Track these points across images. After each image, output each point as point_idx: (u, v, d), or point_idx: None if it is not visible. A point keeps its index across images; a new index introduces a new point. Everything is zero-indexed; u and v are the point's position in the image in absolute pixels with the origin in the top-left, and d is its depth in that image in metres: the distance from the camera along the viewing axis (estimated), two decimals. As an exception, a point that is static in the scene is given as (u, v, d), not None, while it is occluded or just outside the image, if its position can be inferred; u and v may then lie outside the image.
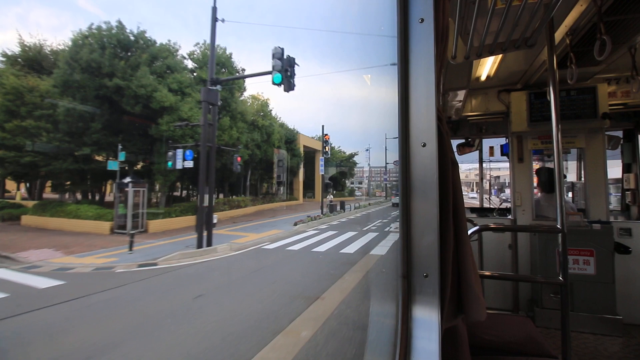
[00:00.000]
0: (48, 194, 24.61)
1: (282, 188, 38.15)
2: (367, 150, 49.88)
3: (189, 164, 16.02)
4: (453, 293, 0.90)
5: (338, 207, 23.72)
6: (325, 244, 11.24)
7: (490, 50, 1.55)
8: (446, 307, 0.86)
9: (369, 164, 56.63)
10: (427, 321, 0.75)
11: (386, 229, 15.10)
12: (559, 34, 2.43)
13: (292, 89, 10.46)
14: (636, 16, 2.20)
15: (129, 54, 18.66)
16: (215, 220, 13.40)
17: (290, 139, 36.02)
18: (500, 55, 2.90)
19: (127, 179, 15.20)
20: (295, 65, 10.59)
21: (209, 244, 10.57)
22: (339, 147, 54.90)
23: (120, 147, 17.13)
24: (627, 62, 2.75)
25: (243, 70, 26.34)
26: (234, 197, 29.83)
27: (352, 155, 56.03)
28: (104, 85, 17.11)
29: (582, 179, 3.94)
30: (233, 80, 23.26)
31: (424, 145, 0.76)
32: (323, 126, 22.71)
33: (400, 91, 0.79)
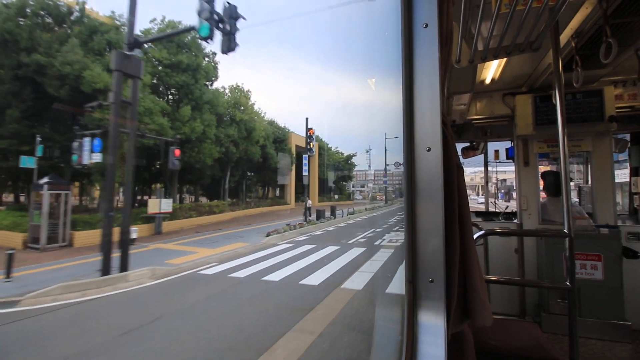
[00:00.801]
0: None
1: (271, 191, 36.08)
2: (367, 151, 46.67)
3: (97, 156, 12.47)
4: (459, 298, 0.89)
5: (328, 213, 21.10)
6: (289, 266, 8.55)
7: (494, 54, 1.55)
8: (452, 312, 0.85)
9: (369, 166, 53.35)
10: (433, 326, 0.75)
11: (377, 242, 12.77)
12: (564, 37, 2.42)
13: (233, 50, 7.80)
14: None
15: (62, 27, 15.45)
16: (134, 235, 11.22)
17: (279, 137, 32.69)
18: (504, 59, 2.89)
19: (45, 180, 12.36)
20: (241, 19, 7.81)
21: (124, 267, 7.71)
22: (337, 148, 51.95)
23: (38, 139, 13.88)
24: (633, 65, 2.73)
25: (214, 54, 22.64)
26: (207, 201, 27.47)
27: (350, 157, 52.58)
28: (24, 63, 13.77)
29: (589, 182, 3.90)
30: (156, 40, 18.69)
31: (429, 149, 0.77)
32: (307, 119, 19.48)
33: (405, 96, 0.79)
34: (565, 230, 1.73)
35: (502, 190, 42.95)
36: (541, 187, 3.75)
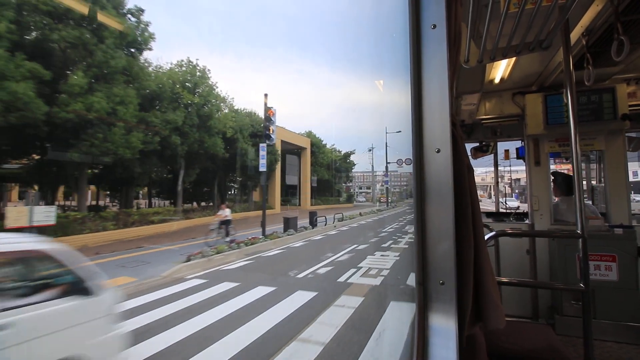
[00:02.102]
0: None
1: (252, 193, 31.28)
2: (370, 150, 41.87)
3: None
4: (471, 300, 0.89)
5: (316, 220, 17.16)
6: (151, 339, 4.50)
7: (503, 54, 1.54)
8: (464, 315, 0.84)
9: (372, 166, 48.37)
10: (444, 329, 0.74)
11: (344, 277, 7.58)
12: (574, 35, 2.39)
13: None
14: None
15: None
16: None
17: (258, 131, 27.27)
18: (514, 58, 2.87)
19: None
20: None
21: None
22: (333, 145, 45.95)
23: None
24: None
25: (140, 10, 16.51)
26: (141, 208, 22.08)
27: (348, 155, 46.87)
28: None
29: (602, 181, 3.83)
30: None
31: (438, 151, 0.76)
32: (266, 94, 14.89)
33: (413, 97, 0.79)
34: (578, 231, 1.71)
35: (517, 190, 41.85)
36: (552, 187, 3.70)
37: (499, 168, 5.87)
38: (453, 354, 0.72)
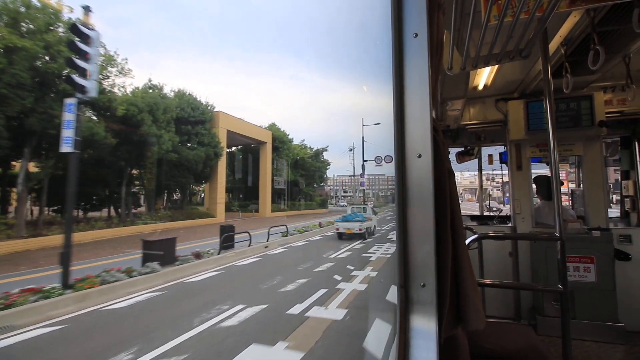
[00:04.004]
0: None
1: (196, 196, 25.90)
2: (350, 150, 35.62)
3: None
4: (451, 302, 0.91)
5: (231, 240, 11.59)
6: None
7: (485, 61, 1.58)
8: (445, 316, 0.86)
9: (353, 165, 39.38)
10: (424, 330, 0.76)
11: None
12: (553, 44, 2.47)
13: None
14: (629, 26, 2.24)
15: None
16: None
17: (193, 116, 22.12)
18: (496, 65, 2.94)
19: None
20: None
21: None
22: (303, 141, 40.84)
23: None
24: (622, 71, 2.79)
25: None
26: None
27: (319, 152, 40.44)
28: None
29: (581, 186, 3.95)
30: None
31: (420, 156, 0.78)
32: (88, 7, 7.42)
33: (396, 103, 0.81)
34: (556, 234, 1.76)
35: (507, 194, 41.79)
36: (534, 191, 3.79)
37: (491, 172, 5.99)
38: (433, 355, 0.74)
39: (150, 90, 20.55)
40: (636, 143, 3.91)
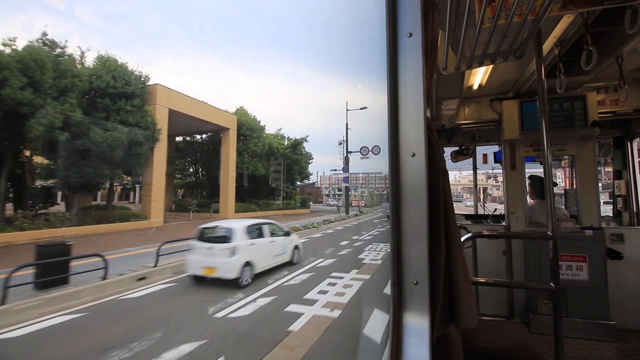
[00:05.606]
0: None
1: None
2: (340, 144, 28.85)
3: None
4: (444, 300, 0.91)
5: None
6: None
7: (480, 61, 1.59)
8: (438, 314, 0.87)
9: (343, 163, 30.86)
10: (417, 328, 0.76)
11: None
12: (547, 45, 2.49)
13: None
14: (621, 28, 2.26)
15: None
16: None
17: (114, 87, 16.10)
18: (491, 65, 2.96)
19: None
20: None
21: None
22: (280, 130, 34.30)
23: None
24: (614, 71, 2.82)
25: None
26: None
27: (298, 143, 33.53)
28: None
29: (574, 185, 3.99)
30: None
31: (413, 155, 0.78)
32: None
33: (390, 102, 0.81)
34: (549, 233, 1.77)
35: None
36: (528, 190, 3.82)
37: (491, 170, 6.02)
38: (426, 352, 0.74)
39: (46, 48, 13.71)
40: (628, 143, 3.95)
